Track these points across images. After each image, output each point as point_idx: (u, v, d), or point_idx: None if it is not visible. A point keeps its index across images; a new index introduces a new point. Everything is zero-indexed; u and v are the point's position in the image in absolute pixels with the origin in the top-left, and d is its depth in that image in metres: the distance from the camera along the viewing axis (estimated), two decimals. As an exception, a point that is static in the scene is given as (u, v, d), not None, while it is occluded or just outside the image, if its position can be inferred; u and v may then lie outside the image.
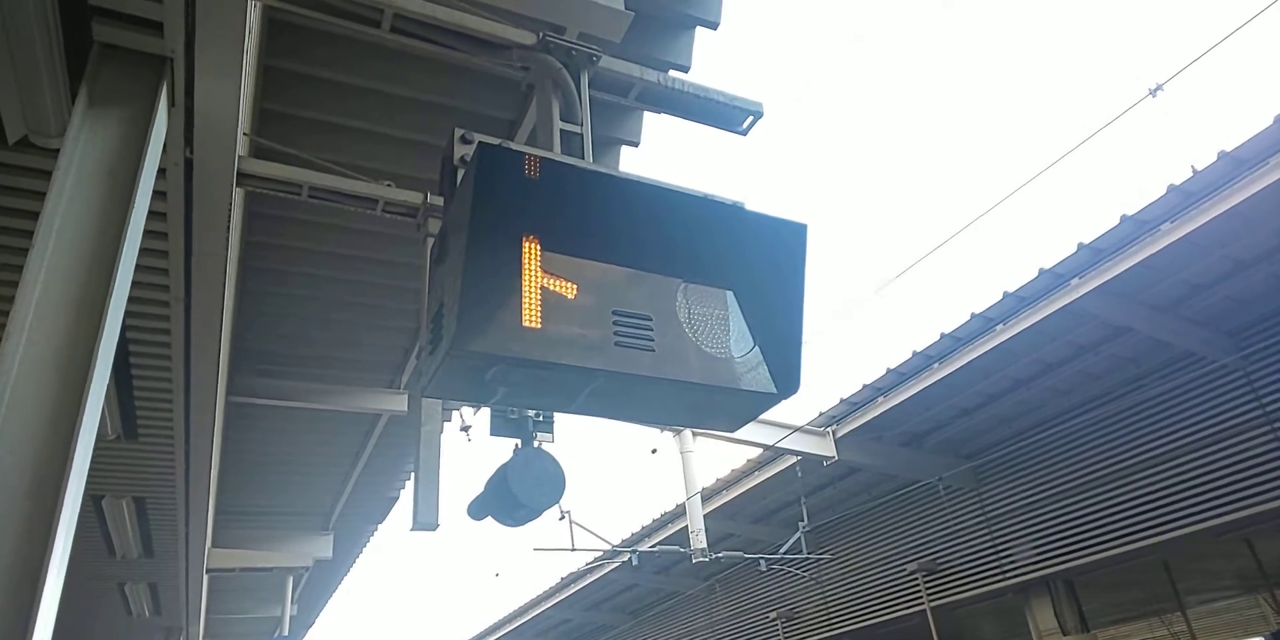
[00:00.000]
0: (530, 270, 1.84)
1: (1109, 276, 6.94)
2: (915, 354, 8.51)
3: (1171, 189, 6.49)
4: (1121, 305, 7.36)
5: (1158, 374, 8.17)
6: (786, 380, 1.95)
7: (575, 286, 1.87)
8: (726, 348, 1.95)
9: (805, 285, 1.97)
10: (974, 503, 10.03)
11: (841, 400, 9.32)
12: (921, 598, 10.27)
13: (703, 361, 1.92)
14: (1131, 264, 6.81)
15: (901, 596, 10.74)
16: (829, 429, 9.41)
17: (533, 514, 2.62)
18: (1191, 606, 14.94)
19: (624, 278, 1.98)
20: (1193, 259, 6.92)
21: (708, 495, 10.96)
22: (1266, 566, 11.56)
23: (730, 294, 2.02)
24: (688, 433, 7.98)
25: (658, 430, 8.33)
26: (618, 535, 13.20)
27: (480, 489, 2.96)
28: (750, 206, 2.04)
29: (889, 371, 8.82)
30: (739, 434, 8.71)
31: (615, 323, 1.87)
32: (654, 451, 9.10)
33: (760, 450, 9.83)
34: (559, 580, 15.98)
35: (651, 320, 1.91)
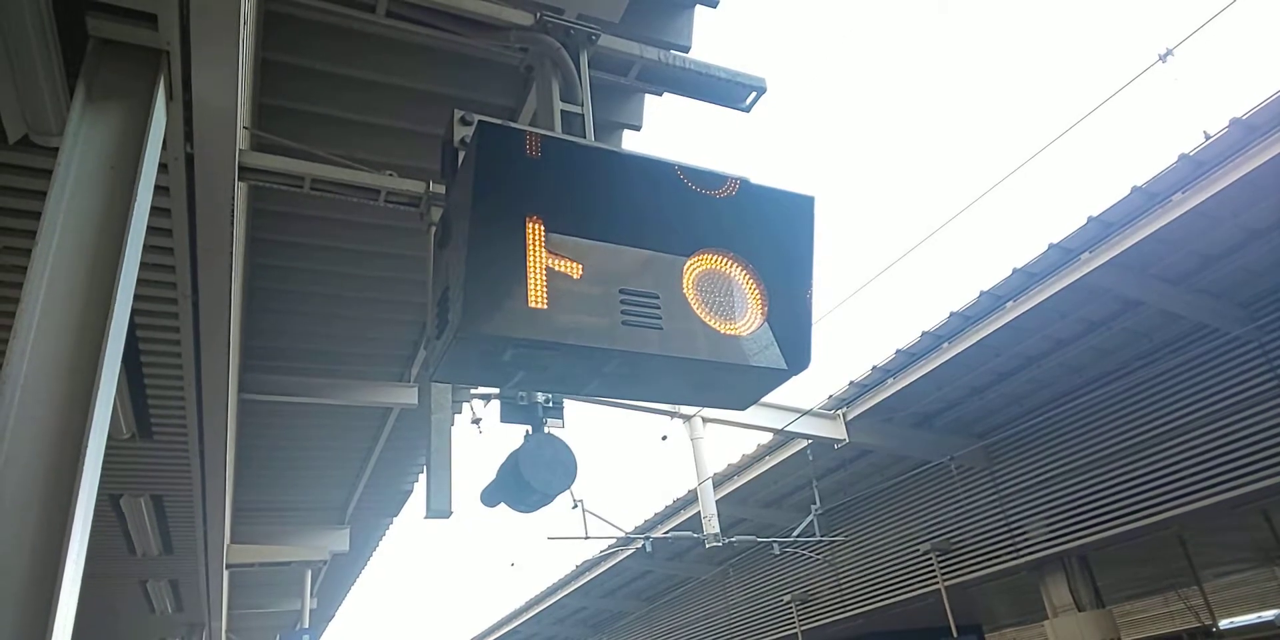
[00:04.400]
0: (535, 251, 1.83)
1: (1119, 250, 6.87)
2: (924, 334, 8.46)
3: (1182, 158, 6.40)
4: (1133, 279, 7.28)
5: (1170, 347, 8.11)
6: (797, 356, 1.93)
7: (581, 266, 1.85)
8: (735, 324, 1.93)
9: (814, 259, 1.95)
10: (987, 481, 10.02)
11: (851, 383, 9.29)
12: (936, 577, 10.29)
13: (711, 339, 1.90)
14: (1142, 236, 6.74)
15: (916, 576, 10.76)
16: (839, 412, 9.39)
17: (545, 499, 2.61)
18: (1208, 580, 14.92)
19: (630, 256, 1.96)
20: (1205, 230, 6.84)
21: (719, 481, 10.98)
22: (1282, 538, 11.53)
23: (738, 270, 2.00)
24: (698, 419, 7.98)
25: (667, 417, 8.33)
26: (631, 523, 13.26)
27: (492, 477, 2.96)
28: (755, 181, 2.01)
29: (898, 352, 8.78)
30: (749, 418, 8.70)
31: (622, 302, 1.85)
32: (664, 438, 9.12)
33: (771, 435, 9.83)
34: (574, 569, 16.09)
35: (659, 298, 1.89)
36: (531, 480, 2.67)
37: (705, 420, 8.16)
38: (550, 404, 2.79)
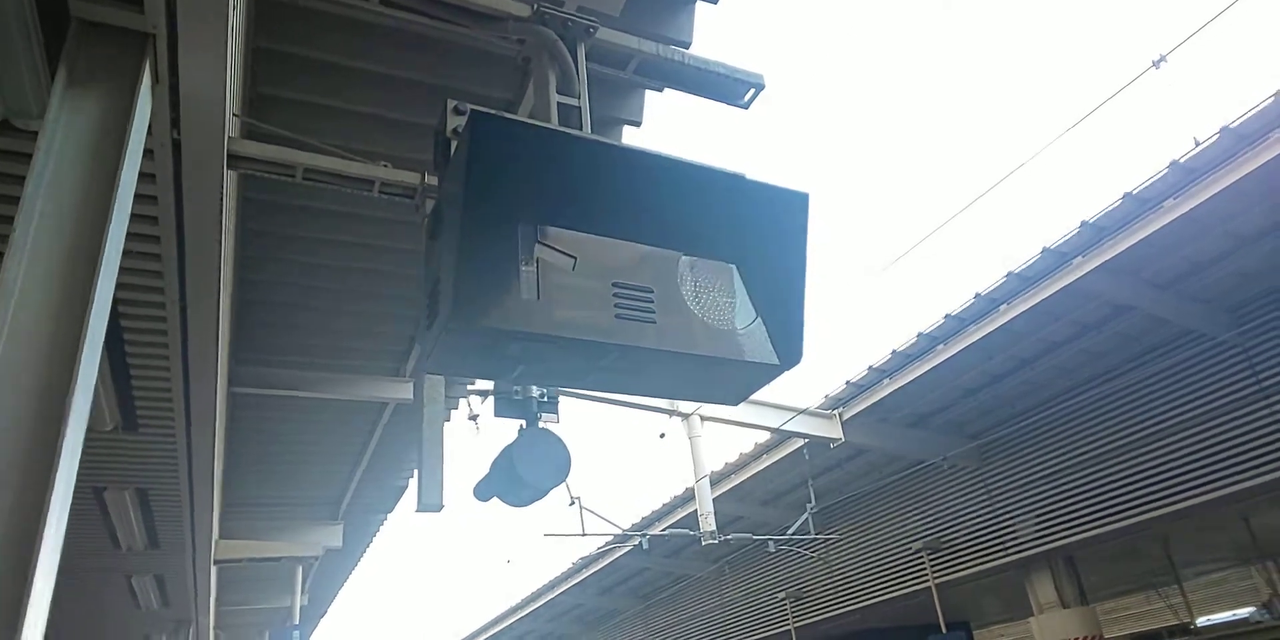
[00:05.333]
0: (526, 243, 1.79)
1: (1111, 254, 6.89)
2: (920, 336, 8.47)
3: (1174, 165, 6.41)
4: (1124, 283, 7.31)
5: (1158, 351, 8.14)
6: (789, 351, 1.91)
7: (574, 259, 1.81)
8: (729, 319, 1.90)
9: (807, 255, 1.92)
10: (978, 481, 10.05)
11: (848, 383, 9.29)
12: (927, 575, 10.31)
13: (705, 333, 1.87)
14: (1134, 242, 6.76)
15: (907, 574, 10.79)
16: (835, 411, 9.39)
17: (538, 494, 2.58)
18: (1188, 579, 15.09)
19: (624, 250, 1.92)
20: (1194, 236, 6.86)
21: (717, 479, 10.97)
22: (1260, 539, 11.66)
23: (732, 266, 1.97)
24: (696, 417, 7.96)
25: (666, 415, 8.30)
26: (628, 520, 13.24)
27: (486, 471, 2.93)
28: (751, 177, 1.98)
29: (894, 354, 8.79)
30: (747, 417, 8.68)
31: (616, 295, 1.82)
32: (662, 436, 9.09)
33: (768, 434, 9.82)
34: (571, 566, 16.07)
35: (653, 292, 1.86)
36: (524, 475, 2.64)
37: (703, 418, 8.14)
38: (545, 399, 2.76)
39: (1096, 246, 6.98)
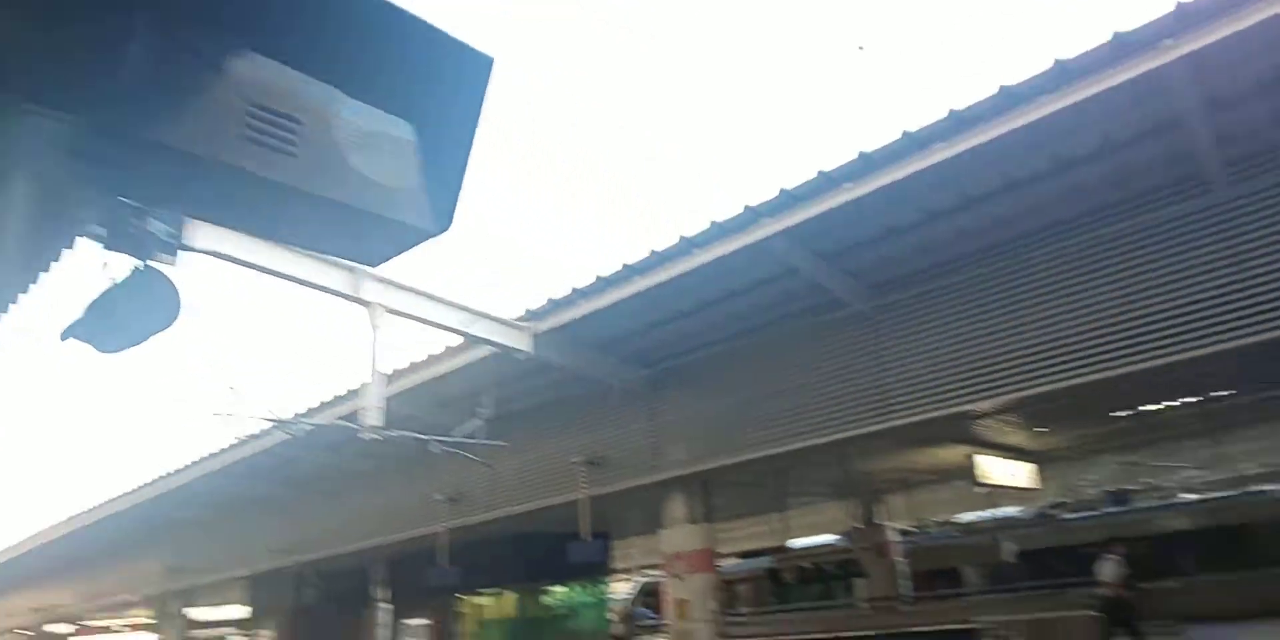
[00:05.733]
0: (142, 26, 1.46)
1: (794, 222, 7.86)
2: (624, 266, 8.95)
3: (861, 155, 7.42)
4: (797, 249, 8.42)
5: (810, 312, 9.62)
6: (440, 217, 1.84)
7: (202, 59, 1.53)
8: (384, 172, 1.77)
9: (480, 123, 1.85)
10: (645, 406, 11.14)
11: (549, 300, 9.55)
12: (581, 487, 11.30)
13: (354, 182, 1.72)
14: (813, 213, 7.77)
15: (564, 485, 11.73)
16: (529, 324, 9.63)
17: (136, 339, 2.26)
18: (793, 508, 18.61)
19: (278, 72, 1.67)
20: (859, 219, 8.09)
21: (397, 377, 10.71)
22: (851, 479, 14.76)
23: (398, 117, 1.83)
24: (378, 307, 7.58)
25: (348, 301, 7.77)
26: (292, 409, 12.42)
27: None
28: (443, 28, 1.84)
29: (597, 279, 9.20)
30: (436, 316, 8.52)
31: (251, 115, 1.58)
32: (346, 328, 8.54)
33: (460, 338, 9.75)
34: (217, 449, 14.75)
35: (300, 124, 1.66)
36: (125, 317, 2.29)
37: (388, 310, 7.79)
38: (166, 237, 2.38)
39: (787, 212, 7.90)
